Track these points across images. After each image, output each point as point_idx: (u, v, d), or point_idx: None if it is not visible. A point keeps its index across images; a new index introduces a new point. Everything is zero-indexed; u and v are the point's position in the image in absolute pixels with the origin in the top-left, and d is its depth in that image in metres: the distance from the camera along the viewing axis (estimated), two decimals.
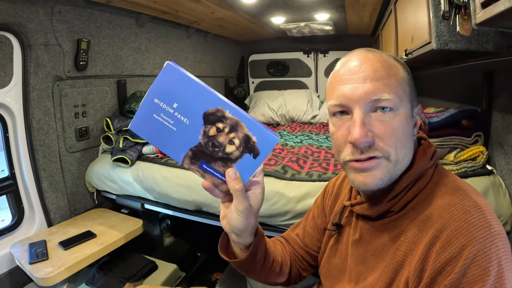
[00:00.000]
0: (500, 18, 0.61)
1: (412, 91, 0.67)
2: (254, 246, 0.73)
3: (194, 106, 0.57)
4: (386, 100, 0.61)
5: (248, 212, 0.63)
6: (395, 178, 0.65)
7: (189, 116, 0.57)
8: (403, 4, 1.58)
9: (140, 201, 1.92)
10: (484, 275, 0.50)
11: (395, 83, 0.63)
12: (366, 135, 0.61)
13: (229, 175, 0.60)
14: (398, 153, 0.63)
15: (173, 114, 0.57)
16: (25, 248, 1.55)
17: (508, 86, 1.28)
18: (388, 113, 0.62)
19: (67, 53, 1.82)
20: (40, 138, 1.75)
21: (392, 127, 0.62)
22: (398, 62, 0.67)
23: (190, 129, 0.58)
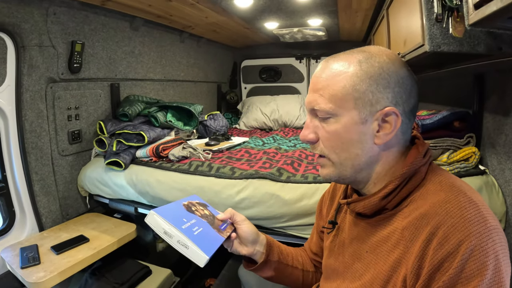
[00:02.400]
0: (492, 18, 0.63)
1: (365, 98, 0.65)
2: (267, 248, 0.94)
3: (185, 214, 0.87)
4: (318, 110, 0.69)
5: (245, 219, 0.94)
6: (348, 177, 0.72)
7: (191, 217, 0.87)
8: (396, 8, 1.61)
9: (133, 205, 1.90)
10: (482, 270, 0.51)
11: (333, 93, 0.67)
12: (306, 136, 0.72)
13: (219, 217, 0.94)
14: (338, 156, 0.69)
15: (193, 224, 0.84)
16: (17, 253, 1.52)
17: (498, 88, 1.31)
18: (327, 120, 0.69)
19: (61, 55, 1.81)
20: (32, 140, 1.72)
21: (329, 133, 0.69)
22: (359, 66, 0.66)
23: (201, 221, 0.88)
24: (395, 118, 0.66)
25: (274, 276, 0.98)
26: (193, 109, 2.43)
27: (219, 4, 2.25)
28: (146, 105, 2.32)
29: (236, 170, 1.69)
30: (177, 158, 1.90)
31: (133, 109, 2.17)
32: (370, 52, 0.68)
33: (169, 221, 0.79)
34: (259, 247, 0.93)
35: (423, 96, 2.30)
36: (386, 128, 0.67)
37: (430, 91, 2.20)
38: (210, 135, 2.68)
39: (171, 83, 3.02)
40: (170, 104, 2.36)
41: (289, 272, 0.99)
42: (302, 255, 1.04)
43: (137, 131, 1.97)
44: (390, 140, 0.67)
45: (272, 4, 2.30)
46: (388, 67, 0.66)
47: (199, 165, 1.78)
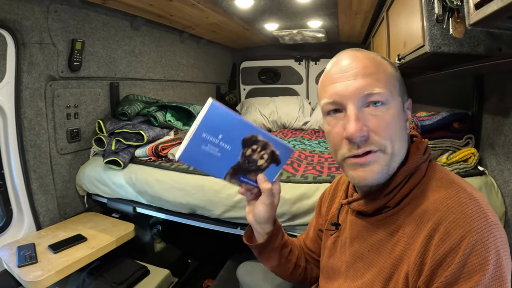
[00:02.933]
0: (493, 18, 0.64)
1: (401, 86, 0.70)
2: (273, 232, 0.88)
3: (235, 135, 0.72)
4: (377, 93, 0.64)
5: (272, 205, 0.81)
6: (393, 171, 0.67)
7: (231, 143, 0.72)
8: (396, 10, 1.62)
9: (132, 205, 1.90)
10: (483, 265, 0.51)
11: (384, 78, 0.66)
12: (361, 129, 0.63)
13: (260, 180, 0.77)
14: (393, 145, 0.65)
15: (218, 143, 0.71)
16: (14, 251, 1.51)
17: (497, 89, 1.32)
18: (380, 107, 0.64)
19: (61, 53, 1.80)
20: (31, 138, 1.71)
21: (386, 121, 0.64)
22: (385, 60, 0.70)
23: (231, 153, 0.73)
24: (410, 108, 0.73)
25: (264, 259, 0.96)
26: (193, 109, 2.43)
27: (219, 5, 2.25)
28: (145, 105, 2.32)
29: None
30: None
31: (132, 109, 2.17)
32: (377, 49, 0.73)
33: None
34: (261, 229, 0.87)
35: (422, 97, 2.31)
36: (409, 117, 0.72)
37: (429, 92, 2.21)
38: None
39: (171, 83, 3.02)
40: (170, 104, 2.36)
41: (283, 263, 0.97)
42: (298, 249, 1.03)
43: (136, 130, 1.97)
44: None
45: (273, 5, 2.31)
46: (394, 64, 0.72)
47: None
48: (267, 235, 0.88)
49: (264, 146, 0.75)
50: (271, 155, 0.76)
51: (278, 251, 0.93)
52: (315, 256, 1.03)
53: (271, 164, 0.77)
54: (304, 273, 1.03)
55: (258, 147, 0.75)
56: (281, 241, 0.93)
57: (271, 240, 0.89)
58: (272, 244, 0.90)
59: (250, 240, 0.93)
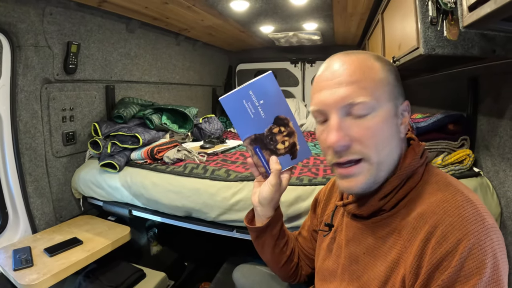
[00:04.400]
0: (487, 20, 0.64)
1: (395, 90, 0.68)
2: (273, 218, 0.89)
3: (273, 109, 0.78)
4: (360, 103, 0.63)
5: (277, 187, 0.81)
6: (380, 179, 0.67)
7: (267, 113, 0.78)
8: (391, 12, 1.63)
9: (127, 208, 1.89)
10: (480, 268, 0.51)
11: (371, 85, 0.64)
12: (342, 139, 0.63)
13: (272, 160, 0.80)
14: (379, 153, 0.64)
15: (257, 106, 0.77)
16: (9, 255, 1.50)
17: (492, 90, 1.33)
18: (365, 116, 0.64)
19: (56, 55, 1.80)
20: (26, 141, 1.70)
21: (370, 129, 0.63)
22: (379, 61, 0.68)
23: (262, 121, 0.78)
24: (408, 111, 0.71)
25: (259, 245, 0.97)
26: (188, 112, 2.43)
27: (215, 7, 2.26)
28: (141, 108, 2.31)
29: (231, 173, 1.68)
30: (172, 161, 1.89)
31: (128, 111, 2.16)
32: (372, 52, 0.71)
33: None
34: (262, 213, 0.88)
35: (417, 99, 2.32)
36: (405, 120, 0.70)
37: (424, 94, 2.22)
38: (205, 138, 2.68)
39: (166, 86, 3.02)
40: (165, 106, 2.35)
41: (276, 253, 0.98)
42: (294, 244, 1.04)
43: (132, 133, 1.96)
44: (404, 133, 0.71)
45: (268, 8, 2.32)
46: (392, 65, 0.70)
47: (194, 167, 1.77)
48: (267, 220, 0.89)
49: (290, 134, 0.80)
50: (291, 145, 0.81)
51: (274, 239, 0.94)
52: (307, 254, 1.04)
53: (287, 154, 0.81)
54: (295, 269, 1.03)
55: (285, 131, 0.79)
56: (279, 229, 0.94)
57: (270, 225, 0.90)
58: (270, 230, 0.92)
59: (250, 223, 0.95)
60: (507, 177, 1.21)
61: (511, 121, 1.17)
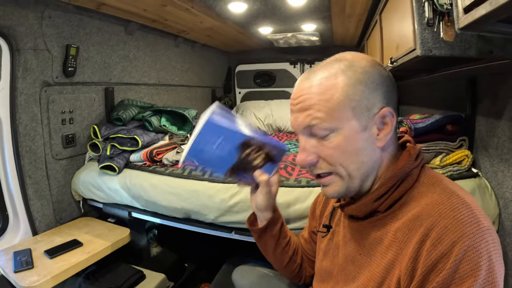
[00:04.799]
0: (482, 22, 0.64)
1: (361, 105, 0.65)
2: (272, 219, 0.96)
3: (232, 140, 0.82)
4: (315, 125, 0.66)
5: (269, 194, 0.90)
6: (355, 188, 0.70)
7: (229, 146, 0.82)
8: (388, 14, 1.63)
9: (127, 210, 1.89)
10: (475, 270, 0.52)
11: (328, 107, 0.65)
12: (305, 159, 0.69)
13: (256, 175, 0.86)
14: (346, 169, 0.67)
15: (217, 147, 0.82)
16: (10, 257, 1.50)
17: (490, 91, 1.33)
18: (328, 137, 0.66)
19: (55, 58, 1.80)
20: (26, 144, 1.71)
21: (333, 149, 0.66)
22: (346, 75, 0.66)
23: (230, 154, 0.83)
24: (391, 117, 0.67)
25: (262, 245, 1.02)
26: (187, 114, 2.43)
27: (213, 9, 2.26)
28: (140, 110, 2.31)
29: None
30: (171, 163, 1.90)
31: (127, 114, 2.16)
32: (348, 59, 0.68)
33: None
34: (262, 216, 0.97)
35: (416, 100, 2.33)
36: (385, 129, 0.68)
37: (423, 95, 2.23)
38: None
39: (166, 87, 3.02)
40: (164, 108, 2.35)
41: (278, 253, 1.01)
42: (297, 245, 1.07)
43: (131, 135, 1.97)
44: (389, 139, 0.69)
45: (267, 9, 2.32)
46: (370, 70, 0.67)
47: (192, 169, 1.77)
48: (266, 221, 0.96)
49: (260, 147, 0.85)
50: (266, 155, 0.85)
51: (275, 239, 0.99)
52: (309, 256, 1.05)
53: (267, 163, 0.86)
54: (299, 270, 1.05)
55: (253, 150, 0.84)
56: (279, 230, 0.99)
57: (269, 226, 0.97)
58: (270, 230, 0.97)
59: (252, 224, 1.01)
60: (506, 178, 1.21)
61: (509, 122, 1.18)
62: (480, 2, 0.61)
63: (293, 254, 1.03)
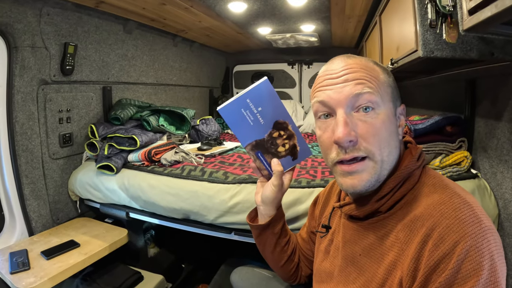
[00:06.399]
0: (486, 24, 0.64)
1: (394, 92, 0.71)
2: (275, 216, 0.93)
3: (272, 114, 0.80)
4: (367, 93, 0.65)
5: (280, 187, 0.85)
6: (383, 178, 0.67)
7: (265, 119, 0.80)
8: (389, 15, 1.63)
9: (125, 210, 1.87)
10: (478, 270, 0.51)
11: (376, 83, 0.67)
12: (349, 134, 0.64)
13: (274, 162, 0.84)
14: (382, 152, 0.65)
15: (256, 114, 0.80)
16: (6, 258, 1.48)
17: (489, 92, 1.34)
18: (370, 113, 0.65)
19: (53, 56, 1.78)
20: (23, 143, 1.69)
21: (374, 126, 0.65)
22: (377, 66, 0.71)
23: (262, 127, 0.81)
24: (404, 113, 0.74)
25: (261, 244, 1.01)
26: (186, 114, 2.42)
27: (213, 9, 2.25)
28: (138, 109, 2.30)
29: (229, 175, 1.68)
30: (169, 163, 1.89)
31: (125, 113, 2.15)
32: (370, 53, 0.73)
33: None
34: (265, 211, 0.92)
35: (415, 101, 2.33)
36: (402, 123, 0.73)
37: (422, 96, 2.23)
38: (202, 139, 2.68)
39: (164, 87, 3.01)
40: (163, 108, 2.35)
41: (277, 252, 1.00)
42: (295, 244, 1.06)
43: (129, 135, 1.95)
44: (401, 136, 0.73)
45: (266, 9, 2.32)
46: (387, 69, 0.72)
47: (191, 169, 1.76)
48: (269, 218, 0.93)
49: (290, 137, 0.83)
50: (292, 147, 0.84)
51: (276, 237, 0.97)
52: (306, 256, 1.05)
53: (289, 155, 0.85)
54: (296, 269, 1.05)
55: (284, 134, 0.83)
56: (281, 228, 0.97)
57: (272, 223, 0.94)
58: (272, 228, 0.95)
59: (253, 221, 0.99)
60: (505, 179, 1.21)
61: (508, 123, 1.18)
62: (485, 4, 0.61)
63: (292, 253, 1.03)
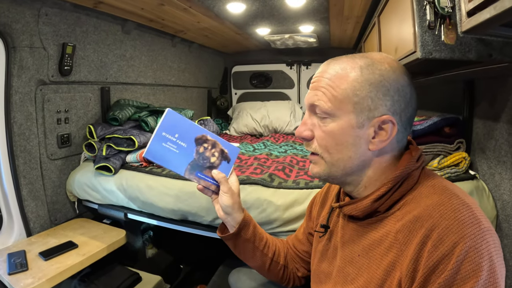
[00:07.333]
0: (485, 26, 0.65)
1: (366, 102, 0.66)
2: (243, 221, 0.95)
3: (189, 134, 0.88)
4: (318, 106, 0.69)
5: (231, 192, 0.91)
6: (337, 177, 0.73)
7: (186, 141, 0.88)
8: (387, 16, 1.63)
9: (123, 211, 1.87)
10: (477, 271, 0.52)
11: (334, 94, 0.67)
12: (302, 132, 0.73)
13: (214, 173, 0.91)
14: (331, 156, 0.70)
15: (175, 141, 0.87)
16: (4, 259, 1.48)
17: (487, 94, 1.34)
18: (324, 120, 0.70)
19: (51, 57, 1.78)
20: (21, 143, 1.68)
21: (325, 132, 0.70)
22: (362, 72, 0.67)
23: (187, 150, 0.88)
24: (391, 126, 0.66)
25: (240, 253, 1.01)
26: (184, 114, 2.42)
27: (211, 9, 2.25)
28: (136, 110, 2.30)
29: None
30: None
31: (123, 114, 2.15)
32: (373, 58, 0.69)
33: None
34: (232, 221, 0.95)
35: None
36: (382, 135, 0.67)
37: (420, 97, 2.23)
38: None
39: (162, 87, 3.01)
40: (161, 109, 2.34)
41: (258, 256, 1.00)
42: (278, 247, 1.05)
43: (127, 135, 1.95)
44: (385, 147, 0.68)
45: (265, 10, 2.32)
46: (389, 75, 0.67)
47: None
48: (238, 225, 0.94)
49: (214, 145, 0.91)
50: (221, 153, 0.92)
51: (251, 242, 0.98)
52: (303, 257, 1.04)
53: (223, 161, 0.92)
54: (284, 271, 1.04)
55: (208, 146, 0.90)
56: (253, 232, 0.98)
57: (242, 229, 0.95)
58: (244, 234, 0.96)
59: (224, 233, 0.99)
60: (503, 180, 1.22)
61: (506, 124, 1.18)
62: (484, 6, 0.61)
63: (274, 255, 1.02)
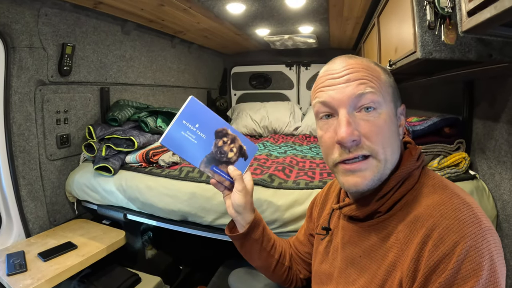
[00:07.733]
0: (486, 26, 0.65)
1: (394, 92, 0.71)
2: (253, 222, 0.93)
3: (209, 126, 0.86)
4: (369, 93, 0.65)
5: (245, 191, 0.89)
6: (385, 177, 0.67)
7: (206, 133, 0.85)
8: (387, 16, 1.64)
9: (122, 212, 1.86)
10: (477, 270, 0.51)
11: (378, 83, 0.67)
12: (352, 134, 0.63)
13: (230, 169, 0.88)
14: (385, 151, 0.65)
15: (195, 131, 0.84)
16: (3, 259, 1.47)
17: (487, 94, 1.34)
18: (372, 112, 0.65)
19: (51, 57, 1.78)
20: (20, 144, 1.68)
21: (377, 126, 0.65)
22: (378, 66, 0.71)
23: (206, 141, 0.86)
24: (404, 113, 0.74)
25: (246, 253, 0.99)
26: None
27: (211, 10, 2.25)
28: (136, 110, 2.30)
29: None
30: (167, 164, 1.88)
31: (123, 114, 2.14)
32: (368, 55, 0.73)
33: None
34: (242, 220, 0.93)
35: (413, 102, 2.34)
36: (402, 123, 0.73)
37: (420, 97, 2.24)
38: None
39: (161, 88, 3.01)
40: (160, 109, 2.34)
41: (264, 257, 0.99)
42: (284, 248, 1.04)
43: (126, 136, 1.95)
44: None
45: (264, 11, 2.32)
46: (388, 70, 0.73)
47: (189, 171, 1.76)
48: (248, 225, 0.93)
49: (233, 140, 0.89)
50: (239, 149, 0.89)
51: (259, 243, 0.96)
52: (304, 258, 1.04)
53: (240, 158, 0.90)
54: (288, 273, 1.03)
55: (228, 140, 0.88)
56: (262, 233, 0.96)
57: (251, 229, 0.93)
58: (253, 234, 0.94)
59: (232, 232, 0.98)
60: (503, 180, 1.22)
61: (506, 124, 1.18)
62: (485, 6, 0.61)
63: (280, 257, 1.01)
